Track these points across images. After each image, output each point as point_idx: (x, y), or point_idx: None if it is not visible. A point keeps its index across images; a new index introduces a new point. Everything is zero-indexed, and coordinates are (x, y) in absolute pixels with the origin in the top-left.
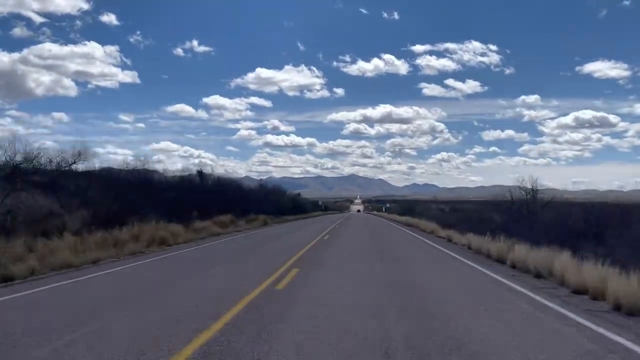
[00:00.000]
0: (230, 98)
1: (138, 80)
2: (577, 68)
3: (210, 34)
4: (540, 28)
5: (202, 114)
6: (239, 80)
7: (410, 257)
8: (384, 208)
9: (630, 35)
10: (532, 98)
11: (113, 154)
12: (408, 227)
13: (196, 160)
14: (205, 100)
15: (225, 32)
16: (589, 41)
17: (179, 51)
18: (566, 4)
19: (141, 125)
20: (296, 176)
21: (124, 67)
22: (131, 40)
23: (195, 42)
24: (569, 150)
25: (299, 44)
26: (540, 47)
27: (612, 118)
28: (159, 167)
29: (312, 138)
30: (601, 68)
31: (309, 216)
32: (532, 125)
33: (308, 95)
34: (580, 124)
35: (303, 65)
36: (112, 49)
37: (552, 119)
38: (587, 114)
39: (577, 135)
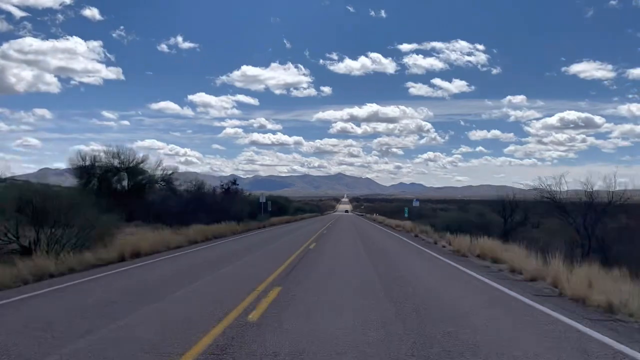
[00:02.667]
0: (216, 96)
1: (122, 77)
2: (563, 69)
3: (195, 30)
4: (527, 28)
5: (187, 111)
6: (224, 78)
7: None
8: (375, 214)
9: (615, 36)
10: (518, 98)
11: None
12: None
13: (182, 159)
14: (191, 97)
15: (211, 28)
16: (575, 42)
17: (163, 47)
18: (553, 4)
19: (126, 122)
20: (283, 175)
21: (107, 63)
22: (114, 35)
23: (180, 38)
24: (554, 150)
25: (285, 41)
26: (527, 47)
27: (597, 119)
28: (144, 166)
29: (299, 137)
30: (587, 69)
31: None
32: (517, 125)
33: (295, 93)
34: (565, 125)
35: (290, 63)
36: (95, 44)
37: (538, 119)
38: (572, 115)
39: (562, 136)
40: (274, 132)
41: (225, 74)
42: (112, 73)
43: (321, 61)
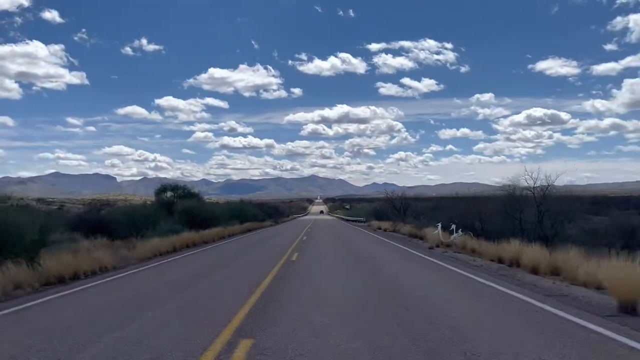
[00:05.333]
0: (184, 99)
1: (86, 82)
2: (529, 66)
3: (159, 31)
4: (494, 26)
5: (155, 116)
6: (192, 81)
7: None
8: (362, 217)
9: (580, 33)
10: (486, 96)
11: (64, 159)
12: None
13: (152, 164)
14: (158, 101)
15: (176, 29)
16: (541, 39)
17: (127, 50)
18: (519, 1)
19: (92, 128)
20: (255, 178)
21: (70, 67)
22: (76, 39)
23: (144, 41)
24: (522, 147)
25: (253, 42)
26: (494, 45)
27: (563, 115)
28: (112, 172)
29: (270, 139)
30: (552, 66)
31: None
32: (486, 123)
33: (264, 95)
34: (532, 122)
35: (258, 64)
36: (57, 48)
37: (506, 117)
38: (538, 112)
39: (529, 133)
40: (244, 135)
41: (193, 77)
42: (75, 78)
43: (290, 62)
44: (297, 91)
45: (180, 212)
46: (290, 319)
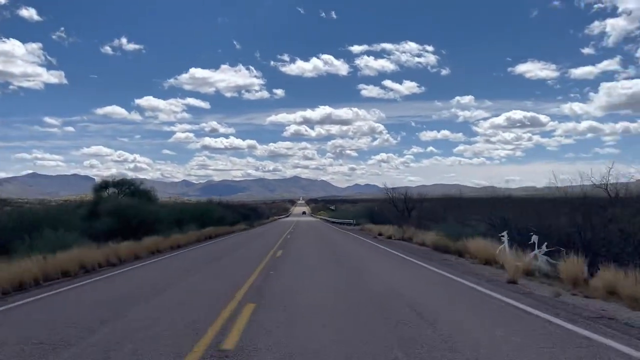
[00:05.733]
0: (165, 99)
1: (65, 81)
2: (509, 69)
3: (139, 30)
4: (475, 29)
5: (135, 116)
6: (172, 81)
7: None
8: (351, 220)
9: (559, 36)
10: (467, 99)
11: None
12: None
13: (131, 165)
14: (138, 101)
15: (156, 29)
16: (521, 42)
17: (107, 49)
18: (499, 4)
19: (70, 128)
20: (237, 179)
21: (48, 66)
22: (54, 37)
23: (124, 40)
24: (501, 149)
25: (235, 42)
26: (475, 48)
27: (542, 118)
28: (91, 172)
29: (253, 140)
30: (531, 69)
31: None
32: (466, 125)
33: (246, 96)
34: (512, 124)
35: (240, 64)
36: (35, 46)
37: (486, 119)
38: (518, 114)
39: (509, 135)
40: (226, 136)
41: (174, 77)
42: (53, 77)
43: (272, 63)
44: (279, 92)
45: (108, 214)
46: None
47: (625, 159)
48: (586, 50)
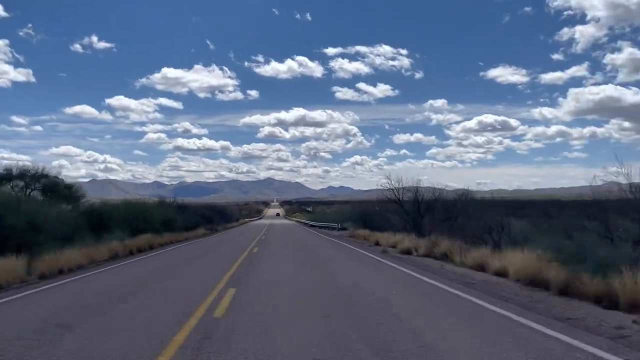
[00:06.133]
0: (136, 99)
1: (33, 79)
2: (481, 73)
3: (111, 29)
4: (448, 33)
5: (106, 116)
6: (144, 80)
7: None
8: (332, 222)
9: (529, 42)
10: (440, 102)
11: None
12: None
13: (102, 166)
14: (109, 101)
15: (128, 27)
16: (493, 47)
17: (77, 47)
18: (472, 10)
19: (38, 128)
20: (210, 181)
21: (16, 64)
22: (22, 34)
23: (94, 38)
24: (473, 153)
25: (208, 42)
26: (448, 52)
27: (513, 122)
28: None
29: (226, 141)
30: (503, 74)
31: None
32: (439, 128)
33: (220, 96)
34: (483, 128)
35: (214, 65)
36: (1, 43)
37: (458, 122)
38: (489, 118)
39: (480, 139)
40: (199, 137)
41: (145, 76)
42: (21, 75)
43: (247, 64)
44: (253, 93)
45: None
46: None
47: (592, 163)
48: (556, 56)
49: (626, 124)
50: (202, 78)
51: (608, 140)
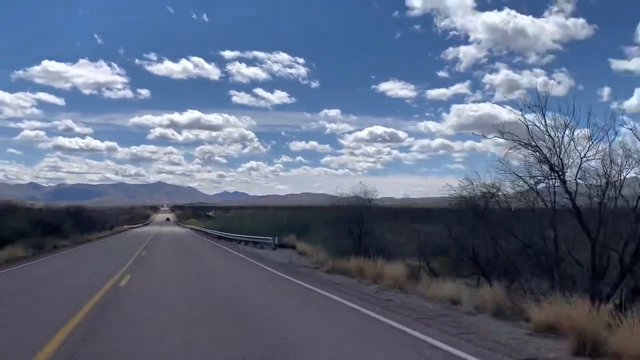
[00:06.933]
0: (11, 92)
1: None
2: (373, 86)
3: None
4: (343, 45)
5: None
6: (21, 73)
7: None
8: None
9: (418, 58)
10: (334, 112)
11: None
12: None
13: None
14: None
15: (3, 14)
16: (384, 61)
17: None
18: (366, 24)
19: None
20: (94, 183)
21: None
22: None
23: None
24: (364, 162)
25: (96, 36)
26: (343, 64)
27: (401, 134)
28: None
29: (113, 142)
30: (393, 87)
31: None
32: (333, 137)
33: (107, 94)
34: (374, 138)
35: (102, 60)
36: None
37: (351, 132)
38: (379, 130)
39: (371, 149)
40: (82, 136)
41: (23, 68)
42: None
43: (138, 61)
44: (144, 92)
45: None
46: None
47: (470, 174)
48: (441, 74)
49: (501, 140)
50: (87, 73)
51: (485, 154)
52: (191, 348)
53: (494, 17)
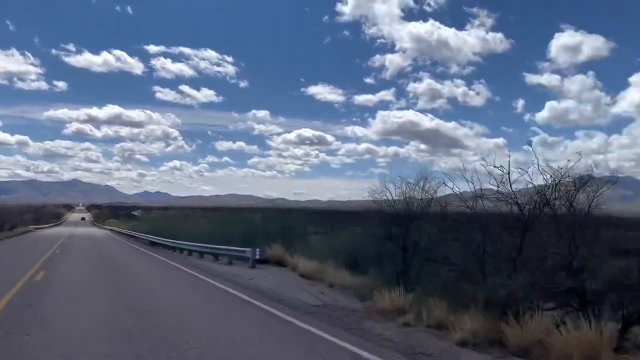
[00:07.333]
0: None
1: None
2: (302, 89)
3: None
4: (274, 46)
5: None
6: None
7: None
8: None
9: (346, 64)
10: (262, 113)
11: None
12: None
13: None
14: None
15: None
16: (314, 65)
17: None
18: (297, 27)
19: None
20: (2, 180)
21: None
22: None
23: None
24: (292, 164)
25: (8, 23)
26: (272, 66)
27: (328, 137)
28: None
29: (24, 136)
30: (321, 91)
31: None
32: (261, 138)
33: (19, 85)
34: (302, 141)
35: (14, 48)
36: None
37: (279, 134)
38: (308, 132)
39: (299, 151)
40: None
41: None
42: None
43: (54, 51)
44: (61, 85)
45: None
46: None
47: (393, 179)
48: (368, 80)
49: (422, 146)
50: None
51: (408, 159)
52: None
53: (419, 27)
